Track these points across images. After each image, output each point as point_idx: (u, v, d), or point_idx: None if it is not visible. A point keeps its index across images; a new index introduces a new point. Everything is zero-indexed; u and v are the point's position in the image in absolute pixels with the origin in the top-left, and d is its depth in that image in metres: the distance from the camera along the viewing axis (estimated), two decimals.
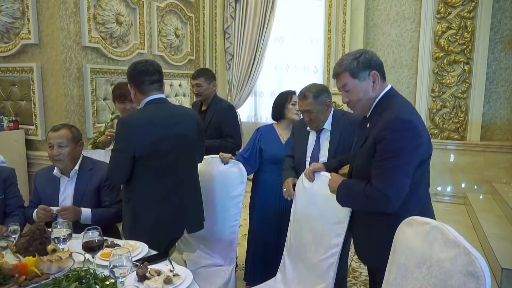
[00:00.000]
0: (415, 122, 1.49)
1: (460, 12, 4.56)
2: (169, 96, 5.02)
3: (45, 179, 2.18)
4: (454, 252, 1.11)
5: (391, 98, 1.60)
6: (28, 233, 1.61)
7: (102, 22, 3.85)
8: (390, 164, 1.48)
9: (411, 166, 1.49)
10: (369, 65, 1.56)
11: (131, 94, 2.05)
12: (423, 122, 1.60)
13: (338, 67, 1.61)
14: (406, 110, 1.55)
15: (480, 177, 4.68)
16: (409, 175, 1.49)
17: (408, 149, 1.47)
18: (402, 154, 1.47)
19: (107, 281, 1.38)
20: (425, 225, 1.27)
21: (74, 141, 2.15)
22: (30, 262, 1.38)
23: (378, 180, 1.50)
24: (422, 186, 1.58)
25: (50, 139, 2.11)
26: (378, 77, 1.58)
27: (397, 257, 1.35)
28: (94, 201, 2.12)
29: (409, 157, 1.48)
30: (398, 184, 1.48)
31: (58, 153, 2.10)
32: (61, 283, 1.30)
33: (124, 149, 1.86)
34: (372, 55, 1.60)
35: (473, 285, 1.02)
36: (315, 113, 2.12)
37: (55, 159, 2.12)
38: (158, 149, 1.90)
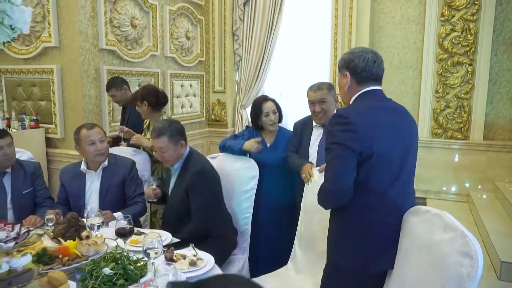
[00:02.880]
0: (352, 119, 1.54)
1: (463, 15, 4.68)
2: (180, 96, 5.18)
3: (71, 176, 2.34)
4: (451, 235, 1.25)
5: (360, 99, 1.68)
6: (65, 221, 1.77)
7: (118, 26, 4.02)
8: (330, 158, 1.57)
9: (350, 160, 1.52)
10: (347, 66, 1.68)
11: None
12: (376, 125, 1.59)
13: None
14: (349, 109, 1.64)
15: (483, 176, 4.78)
16: (349, 169, 1.52)
17: (343, 142, 1.52)
18: (339, 147, 1.53)
19: (138, 263, 1.54)
20: (427, 213, 1.41)
21: (105, 137, 2.33)
22: (71, 245, 1.54)
23: (325, 174, 1.59)
24: (368, 186, 1.57)
25: (90, 136, 2.25)
26: (349, 78, 1.67)
27: (401, 243, 1.50)
28: (118, 194, 2.28)
29: (347, 150, 1.52)
30: (337, 177, 1.54)
31: (102, 147, 2.27)
32: (100, 263, 1.46)
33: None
34: (353, 59, 1.67)
35: (467, 263, 1.16)
36: (328, 104, 2.29)
37: (100, 153, 2.27)
38: None
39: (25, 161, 2.41)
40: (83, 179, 2.30)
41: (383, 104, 1.70)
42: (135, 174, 2.39)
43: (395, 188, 1.58)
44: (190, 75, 5.36)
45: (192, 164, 2.24)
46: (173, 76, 4.98)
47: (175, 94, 5.07)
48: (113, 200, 2.23)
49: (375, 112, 1.63)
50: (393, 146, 1.59)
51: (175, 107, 5.08)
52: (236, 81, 5.89)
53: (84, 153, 2.30)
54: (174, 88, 5.04)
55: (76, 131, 2.32)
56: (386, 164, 1.57)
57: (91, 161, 2.31)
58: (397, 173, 1.59)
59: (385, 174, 1.57)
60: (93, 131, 2.29)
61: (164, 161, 2.25)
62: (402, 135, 1.65)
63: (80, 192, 2.28)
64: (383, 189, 1.56)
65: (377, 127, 1.57)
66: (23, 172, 2.29)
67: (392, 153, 1.58)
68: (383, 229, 1.57)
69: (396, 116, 1.70)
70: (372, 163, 1.53)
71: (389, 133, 1.59)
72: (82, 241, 1.56)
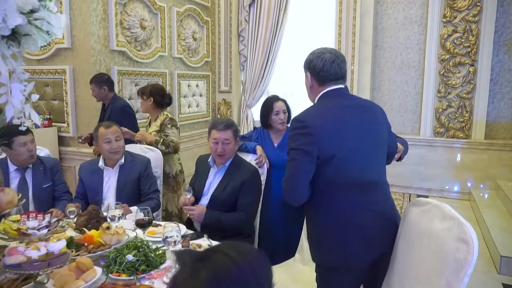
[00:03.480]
0: (308, 123, 1.56)
1: (465, 16, 4.77)
2: (187, 96, 5.29)
3: (89, 171, 2.45)
4: (449, 224, 1.35)
5: (321, 99, 1.69)
6: (86, 213, 1.88)
7: (128, 27, 4.13)
8: (289, 161, 1.60)
9: (305, 163, 1.56)
10: (308, 66, 1.71)
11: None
12: (336, 124, 1.61)
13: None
14: (308, 112, 1.64)
15: (485, 174, 4.87)
16: (305, 171, 1.56)
17: (299, 147, 1.56)
18: (295, 151, 1.57)
19: (158, 251, 1.65)
20: (427, 204, 1.51)
21: (122, 135, 2.43)
22: (95, 234, 1.66)
23: (285, 175, 1.64)
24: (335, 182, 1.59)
25: (106, 134, 2.36)
26: (309, 79, 1.70)
27: (403, 232, 1.60)
28: (134, 190, 2.38)
29: (302, 155, 1.55)
30: (293, 179, 1.58)
31: (117, 146, 2.39)
32: (123, 251, 1.57)
33: None
34: (313, 58, 1.68)
35: (464, 248, 1.26)
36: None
37: (115, 151, 2.38)
38: None
39: (44, 157, 2.53)
40: (101, 175, 2.41)
41: (345, 102, 1.70)
42: (150, 171, 2.50)
43: (364, 181, 1.61)
44: (196, 75, 5.48)
45: (245, 162, 2.41)
46: (180, 76, 5.09)
47: (182, 94, 5.18)
48: (129, 195, 2.34)
49: (336, 111, 1.65)
50: (357, 142, 1.60)
51: (182, 106, 5.19)
52: (241, 81, 6.00)
53: (101, 150, 2.42)
54: (181, 88, 5.15)
55: (95, 129, 2.44)
56: (351, 160, 1.59)
57: (107, 158, 2.42)
58: (364, 167, 1.62)
59: (352, 169, 1.59)
60: (110, 130, 2.41)
61: (223, 154, 2.30)
62: (367, 129, 1.65)
63: (98, 188, 2.39)
64: (350, 184, 1.59)
65: (338, 127, 1.60)
66: (43, 167, 2.41)
67: (357, 148, 1.60)
68: (357, 222, 1.59)
69: (359, 111, 1.69)
70: (335, 162, 1.56)
71: (352, 130, 1.61)
72: (106, 231, 1.67)
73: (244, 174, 2.29)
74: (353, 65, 5.23)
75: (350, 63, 5.23)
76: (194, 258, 0.76)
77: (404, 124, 5.30)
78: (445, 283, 1.29)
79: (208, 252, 0.78)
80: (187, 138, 5.24)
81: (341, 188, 1.59)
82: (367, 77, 5.21)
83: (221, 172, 2.36)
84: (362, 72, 5.21)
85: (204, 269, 0.73)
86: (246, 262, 0.75)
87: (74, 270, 1.44)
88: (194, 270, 0.74)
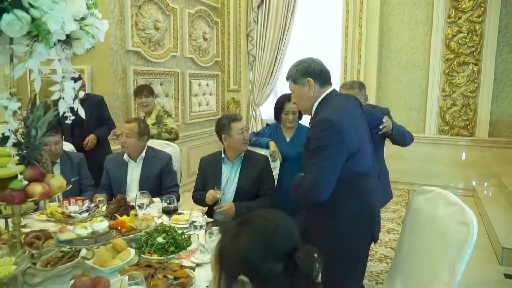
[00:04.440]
0: (335, 121, 1.66)
1: (469, 16, 4.89)
2: (197, 95, 5.45)
3: (115, 163, 2.61)
4: (452, 209, 1.50)
5: (327, 101, 1.79)
6: (115, 202, 2.04)
7: (143, 28, 4.29)
8: (316, 159, 1.67)
9: (337, 160, 1.66)
10: (305, 73, 1.80)
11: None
12: (353, 121, 1.75)
13: (287, 75, 1.89)
14: (331, 111, 1.73)
15: (488, 172, 4.99)
16: (335, 169, 1.66)
17: (329, 145, 1.64)
18: (325, 150, 1.65)
19: (184, 235, 1.80)
20: (431, 192, 1.66)
21: (139, 134, 2.54)
22: (127, 219, 1.81)
23: (309, 173, 1.71)
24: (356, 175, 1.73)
25: (122, 128, 2.55)
26: (312, 83, 1.78)
27: (409, 218, 1.74)
28: (155, 184, 2.53)
29: (332, 152, 1.65)
30: (323, 177, 1.66)
31: (124, 141, 2.55)
32: (153, 234, 1.72)
33: None
34: (309, 64, 1.80)
35: (465, 231, 1.40)
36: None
37: (122, 146, 2.56)
38: None
39: (71, 153, 2.69)
40: (126, 168, 2.58)
41: (345, 100, 1.86)
42: (171, 167, 2.66)
43: (373, 167, 1.85)
44: (206, 75, 5.63)
45: (255, 153, 2.57)
46: (191, 76, 5.25)
47: (193, 93, 5.34)
48: (151, 189, 2.45)
49: (346, 109, 1.80)
50: (364, 133, 1.82)
51: (193, 105, 5.35)
52: (250, 81, 6.14)
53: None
54: (192, 87, 5.31)
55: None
56: (366, 150, 1.78)
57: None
58: (369, 154, 1.83)
59: (367, 159, 1.80)
60: (127, 125, 2.58)
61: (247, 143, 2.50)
62: (363, 121, 1.86)
63: (122, 180, 2.55)
64: (368, 171, 1.80)
65: (354, 123, 1.74)
66: (70, 162, 2.57)
67: (365, 139, 1.81)
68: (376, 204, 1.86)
69: (355, 106, 1.87)
70: (359, 155, 1.71)
71: (360, 124, 1.81)
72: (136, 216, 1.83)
73: (259, 163, 2.46)
74: (359, 65, 5.36)
75: (357, 62, 5.36)
76: (236, 224, 0.90)
77: (410, 122, 5.41)
78: (448, 262, 1.43)
79: (246, 218, 0.90)
80: (197, 136, 5.40)
81: (363, 175, 1.77)
82: (373, 77, 5.34)
83: (237, 166, 2.48)
84: (368, 71, 5.34)
85: (246, 229, 0.86)
86: (279, 219, 0.89)
87: (111, 250, 1.60)
88: (237, 232, 0.86)
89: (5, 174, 1.26)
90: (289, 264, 0.82)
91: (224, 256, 0.86)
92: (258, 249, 0.83)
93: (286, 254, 0.83)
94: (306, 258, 0.82)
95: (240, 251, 0.84)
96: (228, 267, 0.85)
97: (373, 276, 2.95)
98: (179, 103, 5.03)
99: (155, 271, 1.44)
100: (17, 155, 1.26)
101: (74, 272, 1.48)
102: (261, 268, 0.81)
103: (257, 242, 0.84)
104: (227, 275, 0.84)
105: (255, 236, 0.85)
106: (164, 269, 1.45)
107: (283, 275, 0.81)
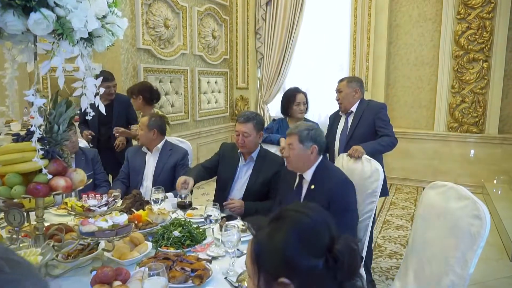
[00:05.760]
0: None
1: (479, 13, 4.86)
2: (206, 92, 5.49)
3: (135, 153, 2.75)
4: (464, 203, 1.51)
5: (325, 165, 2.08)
6: (131, 197, 2.08)
7: (153, 26, 4.34)
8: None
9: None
10: (314, 140, 2.01)
11: None
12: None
13: (293, 129, 2.06)
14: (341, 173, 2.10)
15: (498, 168, 4.97)
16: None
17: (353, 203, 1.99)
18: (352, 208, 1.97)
19: (199, 229, 1.84)
20: (443, 186, 1.67)
21: (148, 127, 2.63)
22: (143, 213, 1.85)
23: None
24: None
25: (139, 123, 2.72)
26: (316, 150, 2.01)
27: (421, 212, 1.76)
28: (169, 177, 2.59)
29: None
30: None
31: (138, 133, 2.69)
32: (169, 228, 1.76)
33: None
34: (319, 133, 2.06)
35: (478, 223, 1.42)
36: (343, 94, 2.77)
37: (137, 138, 2.74)
38: None
39: (85, 148, 2.75)
40: (144, 158, 2.70)
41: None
42: (186, 162, 2.73)
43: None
44: (215, 72, 5.67)
45: (270, 154, 2.54)
46: (200, 73, 5.29)
47: (202, 90, 5.38)
48: (164, 181, 2.54)
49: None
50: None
51: (202, 102, 5.39)
52: (258, 78, 6.17)
53: None
54: (201, 84, 5.35)
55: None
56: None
57: None
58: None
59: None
60: (141, 119, 2.75)
61: (243, 146, 2.41)
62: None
63: (140, 169, 2.66)
64: None
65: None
66: (85, 157, 2.63)
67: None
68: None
69: None
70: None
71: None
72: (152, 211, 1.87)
73: (274, 165, 2.42)
74: (368, 62, 5.35)
75: (365, 59, 5.36)
76: (269, 220, 0.85)
77: (419, 119, 5.42)
78: (461, 255, 1.45)
79: (278, 214, 0.86)
80: (206, 133, 5.44)
81: None
82: (381, 74, 5.34)
83: (249, 166, 2.47)
84: (377, 68, 5.34)
85: (282, 225, 0.82)
86: (315, 213, 0.85)
87: (129, 244, 1.64)
88: (273, 228, 0.82)
89: (30, 168, 1.31)
90: (330, 257, 0.79)
91: (261, 256, 0.82)
92: (297, 246, 0.79)
93: (326, 248, 0.80)
94: (346, 250, 0.80)
95: (278, 250, 0.80)
96: (267, 267, 0.81)
97: (383, 272, 2.97)
98: (189, 100, 5.07)
99: (173, 264, 1.48)
100: (41, 150, 1.31)
101: (94, 264, 1.53)
102: (302, 265, 0.78)
103: (295, 238, 0.80)
104: (267, 275, 0.81)
105: (292, 232, 0.81)
106: (181, 262, 1.49)
107: (325, 270, 0.78)
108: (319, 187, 1.97)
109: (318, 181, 2.00)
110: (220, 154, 2.59)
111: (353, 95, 2.79)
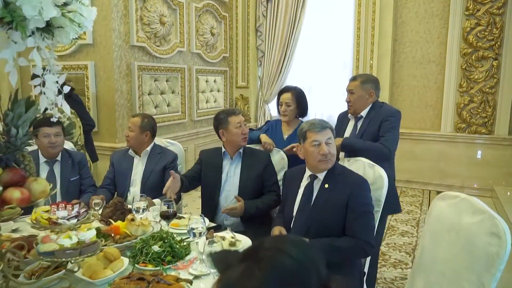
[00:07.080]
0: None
1: (489, 8, 4.65)
2: (205, 91, 5.31)
3: (121, 157, 2.59)
4: (480, 218, 1.33)
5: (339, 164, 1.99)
6: (112, 205, 1.91)
7: (148, 23, 4.17)
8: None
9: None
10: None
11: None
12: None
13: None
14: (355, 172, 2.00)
15: (508, 171, 4.76)
16: None
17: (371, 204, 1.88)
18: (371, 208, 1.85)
19: (183, 243, 1.67)
20: (455, 198, 1.49)
21: (141, 129, 2.50)
22: (121, 225, 1.68)
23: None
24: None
25: (128, 122, 2.56)
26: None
27: (430, 226, 1.58)
28: (158, 181, 2.44)
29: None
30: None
31: (127, 134, 2.54)
32: (148, 241, 1.59)
33: None
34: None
35: (496, 243, 1.24)
36: (355, 95, 2.44)
37: (126, 139, 2.56)
38: None
39: (72, 151, 2.58)
40: (131, 162, 2.55)
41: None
42: (175, 165, 2.59)
43: None
44: (214, 71, 5.49)
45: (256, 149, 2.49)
46: (198, 72, 5.11)
47: (200, 89, 5.20)
48: (153, 185, 2.42)
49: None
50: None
51: (200, 102, 5.21)
52: (258, 77, 5.99)
53: None
54: (200, 83, 5.17)
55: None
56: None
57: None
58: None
59: None
60: (131, 119, 2.57)
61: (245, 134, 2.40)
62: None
63: (127, 174, 2.51)
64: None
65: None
66: (71, 161, 2.47)
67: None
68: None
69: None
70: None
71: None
72: (131, 222, 1.70)
73: (262, 158, 2.39)
74: (372, 60, 5.16)
75: (369, 57, 5.17)
76: (241, 258, 0.69)
77: (424, 119, 5.22)
78: (476, 278, 1.27)
79: (251, 251, 0.71)
80: (204, 134, 5.27)
81: None
82: (386, 72, 5.14)
83: (237, 161, 2.39)
84: (381, 67, 5.14)
85: (259, 267, 0.65)
86: (299, 251, 0.68)
87: (102, 260, 1.47)
88: (247, 269, 0.65)
89: None
90: None
91: None
92: None
93: None
94: None
95: None
96: None
97: (387, 283, 2.78)
98: (186, 100, 4.90)
99: (148, 285, 1.30)
100: None
101: (62, 284, 1.36)
102: None
103: (274, 286, 0.64)
104: None
105: (270, 278, 0.64)
106: (158, 282, 1.32)
107: None
108: (335, 186, 1.84)
109: (333, 180, 1.86)
110: (201, 162, 2.47)
111: (366, 98, 2.42)
